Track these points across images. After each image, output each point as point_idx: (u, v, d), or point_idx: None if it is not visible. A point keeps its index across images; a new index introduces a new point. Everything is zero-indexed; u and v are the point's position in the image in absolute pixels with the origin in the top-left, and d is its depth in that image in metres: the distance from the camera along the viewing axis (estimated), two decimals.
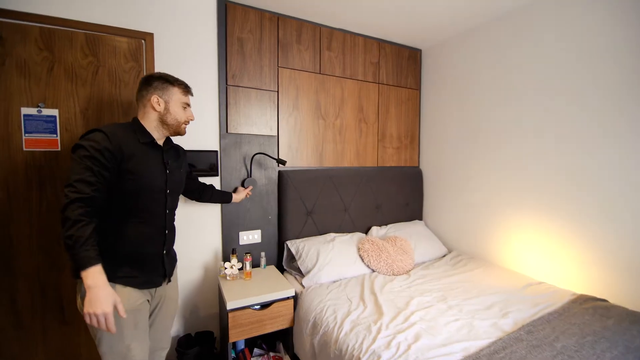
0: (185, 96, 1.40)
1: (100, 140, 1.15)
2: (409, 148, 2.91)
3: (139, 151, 1.26)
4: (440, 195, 2.78)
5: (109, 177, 1.17)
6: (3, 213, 1.65)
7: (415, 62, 2.88)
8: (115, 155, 1.17)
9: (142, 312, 1.29)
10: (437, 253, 2.56)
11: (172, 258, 1.46)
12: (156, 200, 1.32)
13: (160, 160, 1.35)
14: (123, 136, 1.23)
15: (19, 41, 1.63)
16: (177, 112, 1.37)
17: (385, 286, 1.98)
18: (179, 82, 1.39)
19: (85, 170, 1.11)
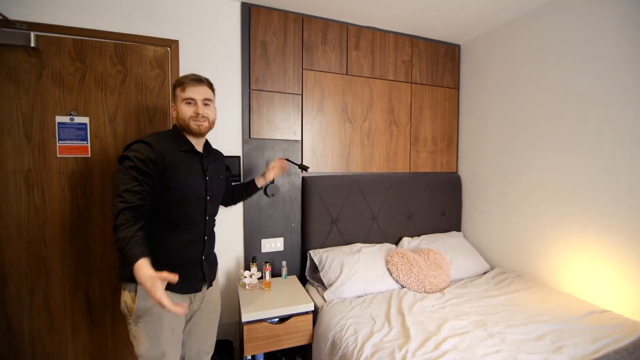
0: (183, 92, 1.33)
1: (143, 151, 1.20)
2: (446, 152, 2.67)
3: (179, 159, 1.29)
4: (482, 203, 2.50)
5: (153, 186, 1.21)
6: (39, 217, 1.74)
7: (453, 58, 2.65)
8: (157, 165, 1.21)
9: (180, 317, 1.31)
10: (476, 269, 2.29)
11: (211, 263, 1.47)
12: (197, 207, 1.35)
13: (200, 167, 1.37)
14: (164, 145, 1.26)
15: (54, 53, 1.72)
16: (182, 111, 1.33)
17: (415, 305, 1.79)
18: (178, 80, 1.35)
19: (131, 180, 1.16)
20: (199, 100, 1.33)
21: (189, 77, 1.34)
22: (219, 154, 1.58)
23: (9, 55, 1.64)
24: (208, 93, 1.37)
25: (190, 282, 1.35)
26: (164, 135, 1.33)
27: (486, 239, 2.47)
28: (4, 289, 1.71)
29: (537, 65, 2.06)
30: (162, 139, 1.29)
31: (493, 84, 2.37)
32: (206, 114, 1.35)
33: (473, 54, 2.56)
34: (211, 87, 1.40)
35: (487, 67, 2.43)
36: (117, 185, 1.17)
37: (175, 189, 1.25)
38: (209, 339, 1.49)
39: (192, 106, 1.33)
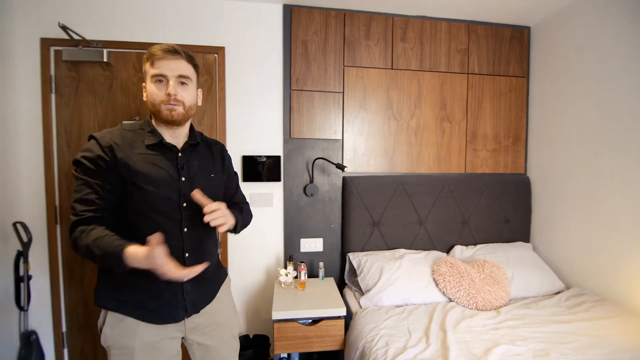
0: (153, 66, 1.02)
1: (92, 148, 0.98)
2: (511, 151, 2.34)
3: (139, 157, 1.02)
4: (557, 210, 2.12)
5: (111, 190, 0.98)
6: None
7: (520, 43, 2.31)
8: (109, 164, 0.98)
9: (161, 353, 1.05)
10: (546, 288, 1.95)
11: (201, 284, 1.12)
12: (168, 217, 1.04)
13: (173, 165, 1.07)
14: (122, 139, 1.02)
15: (122, 66, 1.96)
16: (151, 92, 1.03)
17: (462, 322, 1.59)
18: (148, 52, 1.05)
19: (84, 187, 0.95)
20: (172, 77, 1.02)
21: (162, 48, 1.03)
22: (215, 147, 1.24)
23: (87, 70, 1.93)
24: (185, 69, 1.05)
25: (166, 309, 1.05)
26: (130, 127, 1.07)
27: (562, 252, 2.08)
28: (83, 269, 2.01)
29: (634, 44, 1.66)
30: (121, 131, 1.05)
31: (576, 70, 1.99)
32: (180, 96, 1.03)
33: (547, 36, 2.19)
34: (192, 62, 1.09)
35: (567, 50, 2.05)
36: (73, 192, 0.97)
37: (133, 192, 0.99)
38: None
39: (164, 85, 1.02)
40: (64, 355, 2.03)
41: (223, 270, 1.31)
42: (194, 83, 1.10)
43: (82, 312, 2.03)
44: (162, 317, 1.06)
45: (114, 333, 1.03)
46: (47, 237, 1.96)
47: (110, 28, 1.93)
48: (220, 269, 1.29)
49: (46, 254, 1.97)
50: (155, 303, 1.05)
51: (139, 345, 1.02)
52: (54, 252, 1.98)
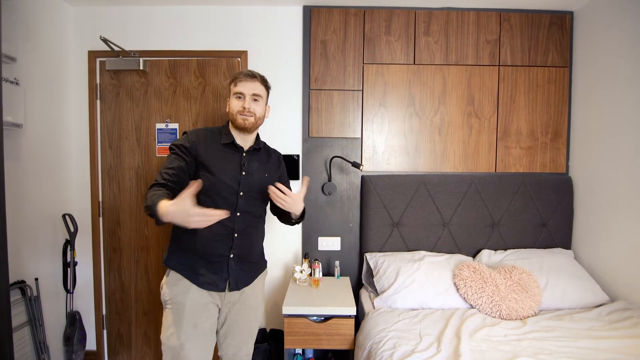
0: (235, 86, 1.34)
1: (181, 140, 1.33)
2: (550, 148, 2.13)
3: (215, 151, 1.32)
4: (604, 215, 1.89)
5: (187, 169, 1.26)
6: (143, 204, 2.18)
7: (561, 29, 2.10)
8: (190, 151, 1.28)
9: (205, 314, 1.29)
10: (586, 299, 1.74)
11: (246, 266, 1.37)
12: (227, 201, 1.29)
13: (238, 162, 1.35)
14: (204, 137, 1.34)
15: (155, 73, 2.13)
16: (232, 104, 1.35)
17: (481, 331, 1.48)
18: (233, 75, 1.37)
19: (168, 163, 1.27)
20: (248, 95, 1.33)
21: (243, 73, 1.35)
22: (273, 154, 1.51)
23: (126, 77, 2.13)
24: (259, 89, 1.35)
25: (213, 278, 1.30)
26: (211, 129, 1.39)
27: (609, 261, 1.85)
28: (121, 258, 2.21)
29: None
30: (206, 131, 1.37)
31: (626, 58, 1.76)
32: (253, 109, 1.33)
33: (593, 21, 1.97)
34: (264, 84, 1.39)
35: (615, 36, 1.82)
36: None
37: (204, 177, 1.26)
38: (245, 346, 1.44)
39: (241, 100, 1.33)
40: (103, 336, 2.25)
41: (264, 262, 1.53)
42: (264, 100, 1.40)
43: (119, 298, 2.23)
44: (209, 284, 1.30)
45: (171, 290, 1.29)
46: (91, 228, 2.19)
47: (145, 38, 2.10)
48: (262, 260, 1.52)
49: (90, 243, 2.19)
50: (206, 271, 1.30)
51: (189, 303, 1.27)
52: (96, 242, 2.20)
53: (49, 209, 1.98)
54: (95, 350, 2.23)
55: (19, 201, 1.76)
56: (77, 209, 2.13)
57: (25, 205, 1.81)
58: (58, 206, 2.04)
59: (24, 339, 1.80)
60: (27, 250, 1.84)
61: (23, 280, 1.79)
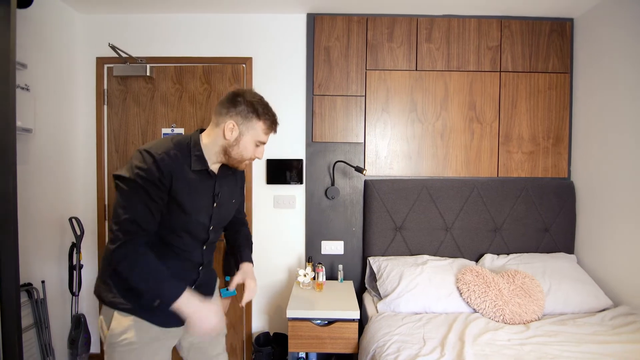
0: (266, 135, 1.12)
1: (151, 168, 0.97)
2: (552, 153, 2.15)
3: (188, 181, 1.05)
4: (607, 220, 1.90)
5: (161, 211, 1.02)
6: None
7: (562, 36, 2.13)
8: (165, 185, 1.00)
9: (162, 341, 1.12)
10: (589, 304, 1.74)
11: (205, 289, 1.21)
12: (196, 237, 1.13)
13: (211, 192, 1.13)
14: (174, 161, 1.02)
15: (162, 79, 2.17)
16: (246, 149, 1.10)
17: (485, 335, 1.49)
18: (267, 116, 1.10)
19: (139, 206, 0.96)
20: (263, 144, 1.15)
21: (276, 120, 1.13)
22: (238, 173, 1.28)
23: (133, 83, 2.17)
24: None
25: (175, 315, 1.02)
26: (178, 146, 1.05)
27: (612, 266, 1.85)
28: None
29: None
30: (175, 153, 1.03)
31: (627, 64, 1.78)
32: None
33: (593, 28, 2.00)
34: None
35: (616, 43, 1.85)
36: (118, 208, 0.96)
37: (176, 215, 1.04)
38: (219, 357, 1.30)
39: (258, 150, 1.14)
40: None
41: (214, 273, 1.36)
42: None
43: None
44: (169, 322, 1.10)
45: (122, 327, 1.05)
46: (97, 232, 2.22)
47: (152, 45, 2.15)
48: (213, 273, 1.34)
49: (95, 246, 2.22)
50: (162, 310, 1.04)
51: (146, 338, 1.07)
52: (102, 245, 2.22)
53: (55, 212, 2.00)
54: (98, 353, 2.24)
55: (26, 204, 1.79)
56: (83, 212, 2.16)
57: (32, 209, 1.84)
58: (64, 209, 2.07)
59: (30, 341, 1.82)
60: (34, 252, 1.86)
61: (30, 283, 1.81)
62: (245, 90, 1.12)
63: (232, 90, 1.12)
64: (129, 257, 0.95)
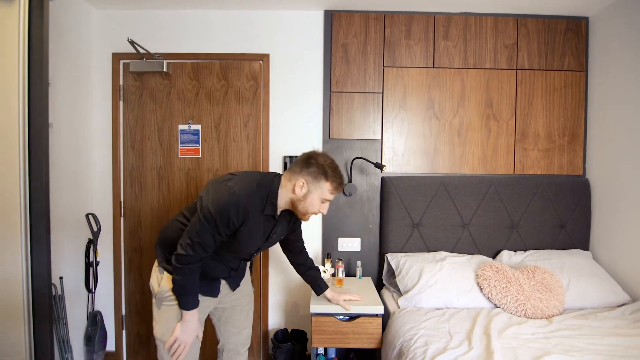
0: (331, 195, 1.27)
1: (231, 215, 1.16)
2: (567, 150, 2.17)
3: (256, 222, 1.23)
4: (621, 216, 1.92)
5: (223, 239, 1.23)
6: (165, 203, 2.20)
7: (577, 34, 2.15)
8: (235, 225, 1.19)
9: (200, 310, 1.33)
10: (607, 299, 1.77)
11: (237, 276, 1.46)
12: (239, 257, 1.38)
13: (269, 230, 1.32)
14: (252, 206, 1.20)
15: (179, 75, 2.16)
16: (312, 205, 1.26)
17: (509, 329, 1.50)
18: (335, 178, 1.25)
19: (209, 237, 1.18)
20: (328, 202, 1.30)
21: (342, 182, 1.28)
22: (294, 216, 1.41)
23: (150, 79, 2.16)
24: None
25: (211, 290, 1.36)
26: (259, 189, 1.23)
27: (628, 262, 1.87)
28: (141, 259, 2.22)
29: None
30: (255, 195, 1.21)
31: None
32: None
33: (608, 27, 2.02)
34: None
35: (631, 41, 1.86)
36: (194, 230, 1.18)
37: (229, 241, 1.24)
38: (244, 331, 1.53)
39: (324, 205, 1.29)
40: (123, 336, 2.25)
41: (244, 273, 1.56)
42: None
43: (139, 299, 2.24)
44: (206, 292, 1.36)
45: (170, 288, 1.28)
46: (112, 229, 2.20)
47: (168, 41, 2.14)
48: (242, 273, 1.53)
49: (111, 243, 2.21)
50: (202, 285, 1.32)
51: None
52: (117, 242, 2.21)
53: (72, 209, 1.99)
54: (114, 351, 2.23)
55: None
56: (98, 209, 2.14)
57: (50, 204, 1.82)
58: (80, 206, 2.06)
59: None
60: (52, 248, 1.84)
61: None
62: (319, 154, 1.29)
63: (307, 152, 1.30)
64: (186, 267, 1.20)
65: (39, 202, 1.08)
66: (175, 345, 1.27)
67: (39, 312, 1.15)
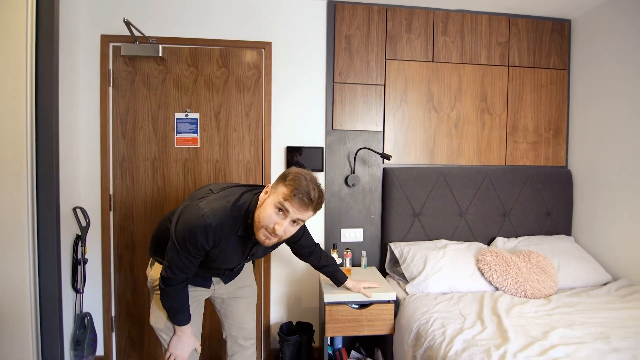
0: (286, 201, 1.05)
1: (201, 240, 1.09)
2: (552, 143, 2.33)
3: (230, 244, 1.17)
4: (600, 204, 2.10)
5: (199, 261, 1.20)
6: (160, 196, 2.08)
7: (561, 35, 2.31)
8: (207, 248, 1.14)
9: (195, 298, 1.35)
10: (593, 279, 1.92)
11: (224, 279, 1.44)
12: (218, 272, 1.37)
13: (248, 249, 1.26)
14: (225, 228, 1.12)
15: (175, 61, 2.06)
16: (265, 212, 1.08)
17: (514, 309, 1.59)
18: (293, 182, 1.06)
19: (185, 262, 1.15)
20: (291, 218, 1.08)
21: (301, 193, 1.04)
22: None
23: (143, 64, 2.03)
24: (306, 216, 1.11)
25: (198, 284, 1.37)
26: (233, 210, 1.13)
27: (606, 245, 2.05)
28: (133, 255, 2.09)
29: None
30: (227, 217, 1.11)
31: (619, 62, 1.98)
32: (283, 234, 1.10)
33: (589, 29, 2.19)
34: (315, 211, 1.12)
35: (609, 44, 2.04)
36: (170, 254, 1.15)
37: (210, 262, 1.22)
38: (247, 325, 1.52)
39: (279, 218, 1.07)
40: (112, 339, 2.11)
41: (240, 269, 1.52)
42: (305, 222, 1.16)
43: (130, 298, 2.11)
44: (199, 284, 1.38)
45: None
46: (101, 223, 2.05)
47: (165, 25, 2.03)
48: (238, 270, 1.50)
49: (99, 239, 2.06)
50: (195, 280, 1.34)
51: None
52: (106, 238, 2.07)
53: None
54: (102, 355, 2.08)
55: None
56: (86, 202, 1.99)
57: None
58: (67, 199, 1.89)
59: None
60: None
61: None
62: (297, 169, 1.13)
63: (288, 169, 1.16)
64: (170, 289, 1.20)
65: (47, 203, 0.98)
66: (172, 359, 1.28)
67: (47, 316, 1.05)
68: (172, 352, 1.28)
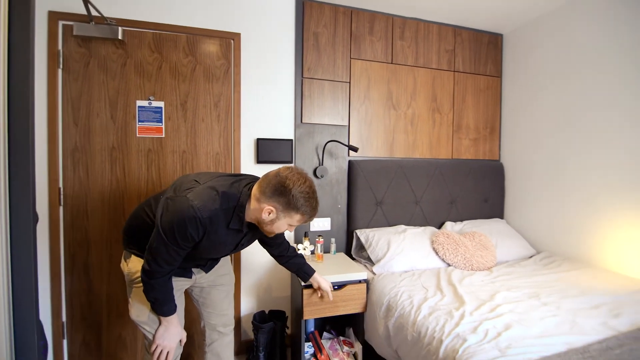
0: (298, 221, 1.20)
1: (192, 231, 1.10)
2: (488, 140, 2.70)
3: (221, 235, 1.19)
4: (525, 192, 2.51)
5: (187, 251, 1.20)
6: (119, 190, 1.96)
7: (496, 47, 2.69)
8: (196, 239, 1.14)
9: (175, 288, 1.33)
10: (522, 253, 2.30)
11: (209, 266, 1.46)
12: (208, 259, 1.41)
13: (237, 239, 1.28)
14: (216, 221, 1.14)
15: (136, 45, 1.95)
16: (279, 229, 1.21)
17: (465, 279, 1.84)
18: (306, 209, 1.16)
19: (172, 253, 1.14)
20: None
21: (313, 214, 1.21)
22: None
23: (100, 47, 1.89)
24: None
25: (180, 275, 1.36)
26: (223, 202, 1.15)
27: (531, 225, 2.46)
28: (88, 254, 1.93)
29: (593, 52, 2.07)
30: (218, 210, 1.13)
31: (539, 72, 2.39)
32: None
33: (517, 43, 2.59)
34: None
35: (533, 55, 2.45)
36: (155, 245, 1.13)
37: (196, 251, 1.21)
38: (227, 312, 1.55)
39: (290, 227, 1.23)
40: (64, 347, 1.93)
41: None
42: None
43: (85, 301, 1.95)
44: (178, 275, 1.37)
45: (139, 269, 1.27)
46: (49, 220, 1.86)
47: (123, 5, 1.91)
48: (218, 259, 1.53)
49: (46, 238, 1.86)
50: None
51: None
52: (55, 236, 1.88)
53: None
54: None
55: None
56: None
57: None
58: None
59: None
60: None
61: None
62: (296, 181, 1.13)
63: (282, 177, 1.12)
64: (154, 282, 1.19)
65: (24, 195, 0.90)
66: (157, 351, 1.26)
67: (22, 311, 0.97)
68: (159, 344, 1.25)
